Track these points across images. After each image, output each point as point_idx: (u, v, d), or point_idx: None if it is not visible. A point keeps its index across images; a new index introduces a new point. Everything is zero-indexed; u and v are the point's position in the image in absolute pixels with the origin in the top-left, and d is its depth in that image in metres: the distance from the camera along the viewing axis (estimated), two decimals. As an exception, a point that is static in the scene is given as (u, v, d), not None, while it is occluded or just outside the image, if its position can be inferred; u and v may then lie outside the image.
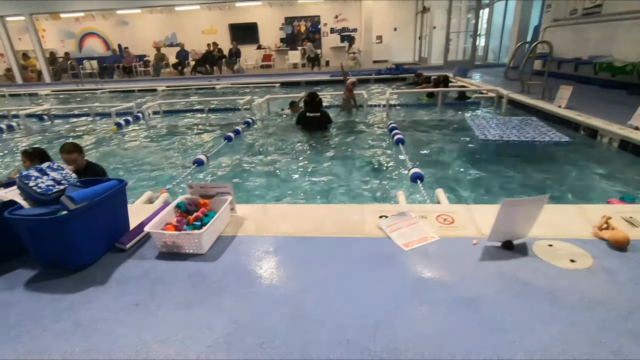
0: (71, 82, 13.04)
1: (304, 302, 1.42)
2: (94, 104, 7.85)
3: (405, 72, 11.21)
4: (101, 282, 1.59)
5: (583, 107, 4.95)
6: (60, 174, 1.83)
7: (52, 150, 5.03)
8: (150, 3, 13.63)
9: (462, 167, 3.71)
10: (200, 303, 1.42)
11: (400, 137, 4.29)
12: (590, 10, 7.45)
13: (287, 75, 12.80)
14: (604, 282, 1.45)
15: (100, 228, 1.75)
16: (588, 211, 1.99)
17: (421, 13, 15.86)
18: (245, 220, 2.09)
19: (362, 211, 2.10)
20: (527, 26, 10.95)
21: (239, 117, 6.73)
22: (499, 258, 1.65)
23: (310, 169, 3.88)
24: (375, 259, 1.67)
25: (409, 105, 6.94)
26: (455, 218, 1.99)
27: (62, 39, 16.98)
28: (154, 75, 14.92)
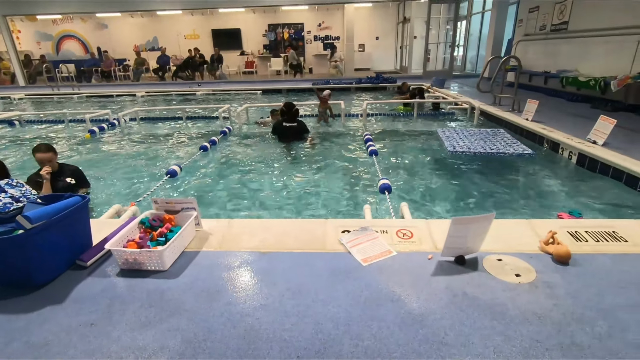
0: (47, 85, 12.70)
1: (259, 319, 1.45)
2: (69, 109, 7.70)
3: (385, 81, 11.43)
4: (58, 301, 1.59)
5: (549, 120, 5.19)
6: (20, 191, 1.82)
7: (25, 157, 4.91)
8: (130, 7, 13.46)
9: (430, 179, 3.84)
10: (156, 323, 1.44)
11: (374, 148, 4.39)
12: (557, 27, 7.82)
13: (269, 82, 12.85)
14: (543, 296, 1.55)
15: (60, 246, 1.74)
16: (537, 226, 2.10)
17: (402, 23, 16.24)
18: (210, 235, 2.11)
19: (325, 226, 2.16)
20: (501, 39, 11.37)
21: (217, 126, 6.72)
22: (450, 273, 1.73)
23: (283, 181, 3.92)
24: (333, 275, 1.73)
25: (386, 115, 7.09)
26: (414, 233, 2.07)
27: (39, 40, 16.55)
28: (133, 80, 14.70)
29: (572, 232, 2.03)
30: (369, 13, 16.42)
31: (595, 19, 6.70)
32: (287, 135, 5.25)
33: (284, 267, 1.80)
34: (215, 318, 1.47)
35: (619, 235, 1.99)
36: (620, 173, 3.31)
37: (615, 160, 3.36)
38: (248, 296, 1.60)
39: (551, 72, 7.80)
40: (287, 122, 5.24)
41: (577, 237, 1.98)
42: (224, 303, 1.55)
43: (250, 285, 1.67)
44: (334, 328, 1.40)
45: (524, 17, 9.20)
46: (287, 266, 1.81)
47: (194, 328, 1.41)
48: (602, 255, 1.82)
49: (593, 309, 1.47)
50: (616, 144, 3.86)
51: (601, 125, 3.91)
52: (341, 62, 15.07)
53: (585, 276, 1.68)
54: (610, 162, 3.41)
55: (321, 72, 15.92)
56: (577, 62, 7.21)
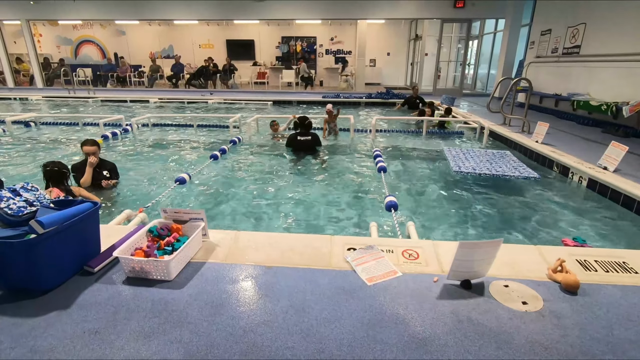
0: (63, 88, 13.02)
1: (261, 335, 1.45)
2: (84, 112, 7.86)
3: (395, 97, 11.50)
4: (64, 307, 1.61)
5: (559, 143, 5.16)
6: (34, 195, 1.86)
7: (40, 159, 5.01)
8: (149, 16, 13.83)
9: (436, 199, 3.82)
10: (159, 334, 1.45)
11: (383, 165, 4.39)
12: (569, 50, 7.84)
13: (280, 93, 13.00)
14: (551, 326, 1.52)
15: (70, 251, 1.77)
16: (545, 252, 2.08)
17: (414, 40, 16.42)
18: (216, 246, 2.12)
19: (330, 242, 2.16)
20: (512, 60, 11.42)
21: (227, 135, 6.80)
22: (456, 297, 1.71)
23: (291, 194, 3.94)
24: (337, 293, 1.72)
25: (395, 132, 7.11)
26: (420, 254, 2.06)
27: (59, 44, 17.03)
28: (147, 87, 15.00)
29: (581, 261, 2.00)
30: (381, 29, 16.65)
31: (607, 44, 6.70)
32: (302, 148, 5.26)
33: (288, 282, 1.80)
34: (217, 332, 1.47)
35: (629, 267, 1.95)
36: (632, 201, 3.26)
37: (627, 188, 3.32)
38: (251, 311, 1.60)
39: (562, 94, 7.78)
40: (302, 135, 5.26)
41: (586, 266, 1.95)
42: (227, 317, 1.56)
43: (254, 300, 1.67)
44: (336, 349, 1.39)
45: (536, 40, 9.24)
46: (291, 282, 1.81)
47: (197, 341, 1.41)
48: (612, 287, 1.79)
49: (602, 342, 1.44)
50: (628, 171, 3.82)
51: (612, 151, 3.88)
52: (352, 77, 15.22)
53: (593, 307, 1.65)
54: (622, 190, 3.37)
55: (332, 86, 16.08)
56: (588, 85, 7.19)
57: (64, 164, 3.07)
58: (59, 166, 2.97)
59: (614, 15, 6.61)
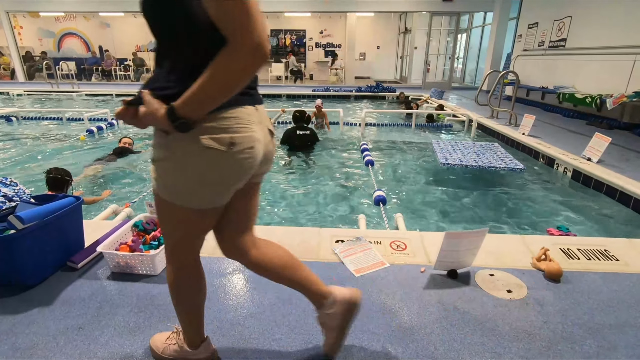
0: (46, 82, 12.68)
1: (249, 328, 1.45)
2: (68, 106, 7.67)
3: (384, 90, 11.50)
4: (46, 303, 1.57)
5: (545, 135, 5.24)
6: (13, 190, 1.81)
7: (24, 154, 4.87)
8: (134, 7, 13.50)
9: (424, 191, 3.85)
10: (145, 328, 1.43)
11: (370, 158, 4.39)
12: (556, 43, 7.93)
13: (269, 87, 12.89)
14: (534, 313, 1.55)
15: (51, 247, 1.73)
16: (530, 242, 2.12)
17: (403, 33, 16.41)
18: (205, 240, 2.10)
19: (319, 235, 2.16)
20: (500, 53, 11.50)
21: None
22: (442, 287, 1.73)
23: (278, 187, 3.92)
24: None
25: (384, 125, 7.13)
26: (408, 244, 2.08)
27: (40, 37, 16.54)
28: (134, 80, 14.71)
29: (565, 250, 2.04)
30: (370, 23, 16.59)
31: (593, 37, 6.80)
32: (300, 144, 5.08)
33: (277, 275, 1.79)
34: (205, 325, 1.45)
35: (611, 254, 2.00)
36: (614, 191, 3.34)
37: (609, 178, 3.39)
38: (239, 304, 1.59)
39: (548, 87, 7.88)
40: (301, 129, 5.09)
41: (569, 255, 2.00)
42: (215, 310, 1.55)
43: (241, 293, 1.66)
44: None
45: (523, 33, 9.32)
46: (279, 274, 1.80)
47: (183, 335, 1.40)
48: (593, 274, 1.83)
49: (583, 327, 1.48)
50: (611, 162, 3.90)
51: (596, 143, 3.95)
52: (342, 70, 15.16)
53: (575, 294, 1.68)
54: (604, 180, 3.44)
55: (321, 79, 16.00)
56: (574, 78, 7.29)
57: (67, 171, 2.92)
58: (61, 173, 2.84)
59: (599, 9, 6.70)
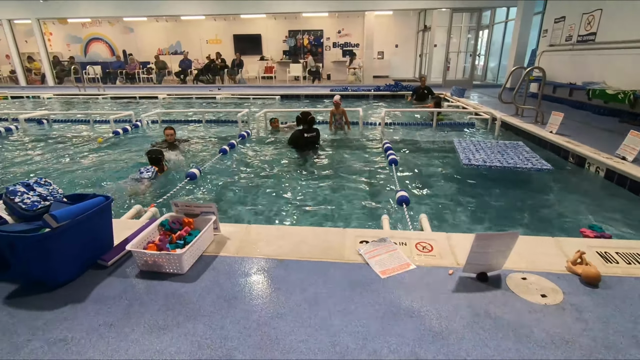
0: (74, 86, 13.17)
1: (275, 328, 1.44)
2: (95, 109, 7.93)
3: (404, 89, 11.35)
4: (79, 300, 1.61)
5: (574, 133, 5.03)
6: (47, 190, 1.87)
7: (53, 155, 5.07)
8: (157, 12, 13.86)
9: (447, 192, 3.76)
10: (173, 327, 1.44)
11: (394, 157, 4.33)
12: (585, 38, 7.61)
13: (288, 87, 12.95)
14: (572, 320, 1.48)
15: (83, 245, 1.78)
16: (564, 244, 2.02)
17: (422, 31, 16.16)
18: (228, 240, 2.12)
19: (343, 235, 2.14)
20: (524, 49, 11.15)
21: (236, 129, 6.79)
22: (472, 290, 1.67)
23: (301, 187, 3.92)
24: (351, 286, 1.70)
25: (405, 124, 7.02)
26: (434, 246, 2.02)
27: (68, 43, 17.19)
28: (156, 83, 15.08)
29: (602, 253, 1.94)
30: (389, 21, 16.41)
31: (625, 30, 6.48)
32: (306, 145, 5.19)
33: (301, 275, 1.79)
34: (231, 325, 1.46)
35: (653, 258, 1.89)
36: (652, 191, 3.16)
37: (647, 178, 3.22)
38: (264, 304, 1.58)
39: (577, 83, 7.57)
40: (307, 132, 5.18)
41: (607, 259, 1.89)
42: (240, 310, 1.55)
43: (266, 294, 1.66)
44: (351, 342, 1.36)
45: (549, 28, 8.99)
46: (303, 275, 1.79)
47: (211, 334, 1.41)
48: (635, 279, 1.73)
49: (626, 335, 1.39)
50: (647, 161, 3.70)
51: (631, 141, 3.76)
52: (360, 69, 15.07)
53: (616, 300, 1.59)
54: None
55: (339, 79, 15.95)
56: (604, 74, 6.97)
57: (160, 150, 4.27)
58: (156, 153, 4.17)
59: (632, 0, 6.38)
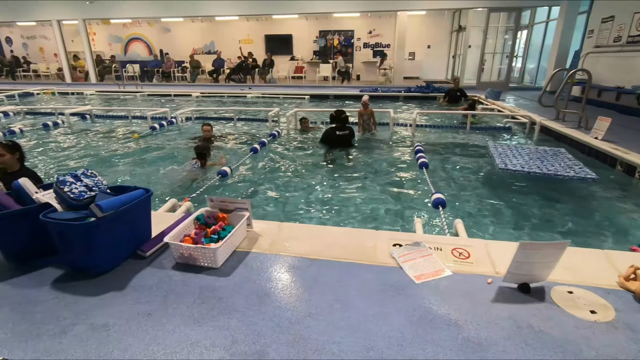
0: (114, 83, 13.82)
1: (308, 328, 1.43)
2: (133, 105, 8.29)
3: (435, 90, 11.10)
4: (119, 288, 1.67)
5: (622, 140, 4.71)
6: (93, 181, 1.95)
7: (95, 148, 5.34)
8: (193, 12, 14.31)
9: (480, 197, 3.62)
10: (207, 320, 1.47)
11: (425, 160, 4.23)
12: (636, 39, 7.13)
13: (317, 87, 12.99)
14: (625, 339, 1.37)
15: (124, 235, 1.85)
16: (614, 258, 1.89)
17: (456, 32, 15.73)
18: (260, 236, 2.13)
19: (375, 237, 2.10)
20: (567, 50, 10.60)
21: (266, 128, 6.88)
22: (513, 301, 1.59)
23: (330, 187, 3.90)
24: (384, 289, 1.66)
25: (437, 127, 6.85)
26: (471, 253, 1.95)
27: (110, 42, 18.08)
28: (190, 81, 15.56)
29: (658, 269, 1.79)
30: (422, 21, 16.09)
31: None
32: (339, 143, 5.19)
33: (333, 276, 1.77)
34: (264, 322, 1.46)
35: None
36: None
37: None
38: (297, 303, 1.58)
39: (625, 87, 7.10)
40: (339, 130, 5.18)
41: (664, 275, 1.74)
42: (273, 307, 1.55)
43: (298, 292, 1.65)
44: (386, 347, 1.33)
45: (596, 28, 8.49)
46: (335, 276, 1.77)
47: (244, 329, 1.42)
48: (698, 300, 1.59)
49: (689, 361, 1.28)
50: None
51: (689, 149, 3.47)
52: (390, 70, 14.87)
53: (676, 322, 1.46)
54: (701, 192, 3.01)
55: (369, 80, 15.82)
56: (657, 77, 6.51)
57: (207, 146, 4.57)
58: (204, 148, 4.44)
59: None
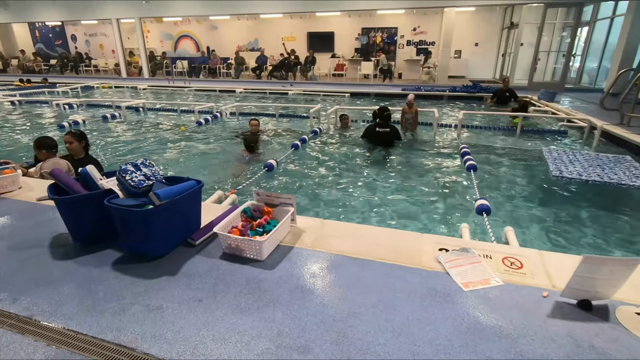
0: (164, 78, 14.57)
1: (352, 327, 1.42)
2: (180, 100, 8.69)
3: (482, 90, 10.61)
4: (171, 273, 1.77)
5: (699, 149, 4.24)
6: (151, 170, 2.07)
7: (148, 138, 5.69)
8: (240, 10, 14.74)
9: (531, 205, 3.41)
10: (254, 310, 1.51)
11: (473, 163, 4.06)
12: None
13: (358, 85, 12.89)
14: None
15: (177, 223, 1.94)
16: (693, 280, 1.70)
17: (508, 29, 14.91)
18: (303, 232, 2.16)
19: (420, 240, 2.05)
20: (634, 49, 9.68)
21: (307, 125, 6.94)
22: (572, 318, 1.49)
23: (370, 186, 3.86)
24: (430, 294, 1.62)
25: (484, 128, 6.55)
26: (525, 263, 1.84)
27: (162, 39, 19.08)
28: (234, 78, 16.05)
29: None
30: (470, 17, 15.42)
31: None
32: (379, 141, 5.16)
33: (376, 276, 1.75)
34: (308, 317, 1.47)
35: None
36: None
37: None
38: (340, 301, 1.58)
39: None
40: (380, 127, 5.15)
41: None
42: (316, 303, 1.56)
43: (342, 291, 1.65)
44: (432, 354, 1.29)
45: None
46: (379, 276, 1.75)
47: (289, 323, 1.44)
48: None
49: None
50: None
51: None
52: (434, 69, 14.42)
53: None
54: None
55: (412, 78, 15.44)
56: None
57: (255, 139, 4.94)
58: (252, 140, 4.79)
59: None
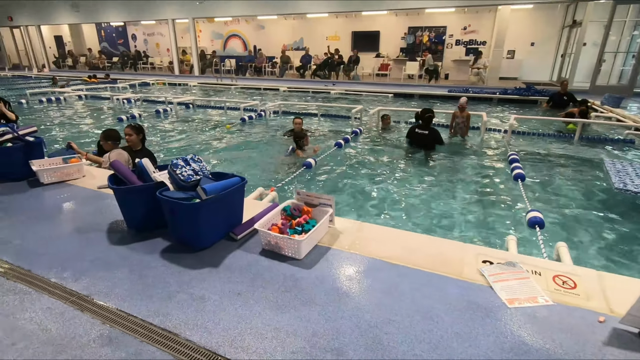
0: (212, 76, 15.21)
1: (387, 334, 1.40)
2: (228, 97, 9.04)
3: (537, 93, 9.95)
4: (214, 265, 1.85)
5: None
6: (199, 166, 2.17)
7: (196, 134, 5.99)
8: (287, 10, 15.02)
9: (589, 220, 3.15)
10: (290, 309, 1.53)
11: (521, 172, 3.83)
12: None
13: (402, 86, 12.63)
14: None
15: (221, 217, 2.03)
16: None
17: (569, 27, 13.84)
18: (341, 234, 2.16)
19: (462, 250, 1.97)
20: None
21: (348, 125, 6.92)
22: (632, 348, 1.36)
23: (411, 190, 3.78)
24: (471, 308, 1.56)
25: (537, 134, 6.14)
26: (578, 283, 1.71)
27: (212, 39, 19.93)
28: (279, 76, 16.39)
29: None
30: (527, 15, 14.49)
31: None
32: (417, 143, 5.06)
33: (414, 284, 1.71)
34: (344, 320, 1.48)
35: None
36: None
37: None
38: (376, 306, 1.56)
39: None
40: (420, 128, 5.04)
41: None
42: (352, 307, 1.56)
43: (378, 296, 1.63)
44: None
45: None
46: (417, 284, 1.71)
47: (324, 324, 1.45)
48: None
49: None
50: None
51: None
52: (484, 69, 13.74)
53: None
54: None
55: (459, 79, 14.84)
56: None
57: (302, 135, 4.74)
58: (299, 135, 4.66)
59: None
